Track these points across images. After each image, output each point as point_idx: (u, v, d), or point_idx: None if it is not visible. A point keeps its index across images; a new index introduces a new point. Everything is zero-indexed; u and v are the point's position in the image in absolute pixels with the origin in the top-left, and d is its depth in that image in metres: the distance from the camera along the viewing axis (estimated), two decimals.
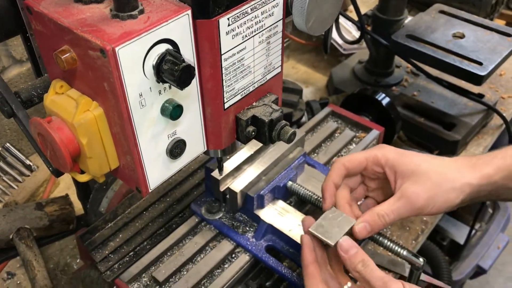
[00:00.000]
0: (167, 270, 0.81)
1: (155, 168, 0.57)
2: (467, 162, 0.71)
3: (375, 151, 0.73)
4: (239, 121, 0.62)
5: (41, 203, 1.01)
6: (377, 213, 0.68)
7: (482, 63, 1.11)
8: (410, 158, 0.71)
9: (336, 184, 0.73)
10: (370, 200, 0.79)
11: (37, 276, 0.92)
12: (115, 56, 0.45)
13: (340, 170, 0.73)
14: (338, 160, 0.74)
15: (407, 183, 0.68)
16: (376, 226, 0.69)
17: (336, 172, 0.73)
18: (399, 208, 0.68)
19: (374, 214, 0.69)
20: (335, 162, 0.74)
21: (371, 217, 0.69)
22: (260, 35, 0.58)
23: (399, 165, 0.70)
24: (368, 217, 0.69)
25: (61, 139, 0.50)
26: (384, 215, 0.68)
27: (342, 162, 0.73)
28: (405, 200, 0.68)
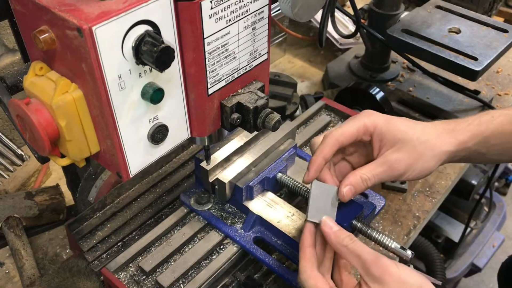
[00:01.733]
0: (154, 260, 0.81)
1: (136, 153, 0.56)
2: (446, 127, 0.72)
3: (363, 119, 0.71)
4: (224, 108, 0.62)
5: (31, 192, 1.01)
6: (360, 176, 0.69)
7: (477, 58, 1.11)
8: (397, 126, 0.71)
9: (326, 159, 0.71)
10: (343, 163, 0.78)
11: (24, 265, 0.92)
12: (92, 35, 0.45)
13: (333, 145, 0.71)
14: (331, 134, 0.71)
15: (391, 149, 0.69)
16: (359, 189, 0.70)
17: (329, 148, 0.70)
18: (380, 173, 0.69)
19: (357, 177, 0.69)
20: (328, 137, 0.71)
21: (355, 180, 0.69)
22: (245, 20, 0.58)
23: (387, 132, 0.70)
24: (353, 180, 0.69)
25: (39, 121, 0.50)
26: (367, 179, 0.69)
27: (336, 136, 0.70)
28: (387, 166, 0.69)
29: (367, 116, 0.72)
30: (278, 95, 1.22)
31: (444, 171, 1.18)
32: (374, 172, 0.69)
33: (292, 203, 0.87)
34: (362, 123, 0.71)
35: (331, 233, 0.65)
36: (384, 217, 1.07)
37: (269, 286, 0.85)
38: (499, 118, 0.73)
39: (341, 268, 0.69)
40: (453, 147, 0.70)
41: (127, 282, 0.80)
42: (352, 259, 0.63)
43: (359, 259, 0.62)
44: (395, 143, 0.70)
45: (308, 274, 0.64)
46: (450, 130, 0.71)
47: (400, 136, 0.70)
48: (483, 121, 0.72)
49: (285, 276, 0.78)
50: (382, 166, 0.70)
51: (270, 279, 0.86)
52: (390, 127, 0.70)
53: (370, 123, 0.71)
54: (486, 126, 0.72)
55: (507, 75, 1.42)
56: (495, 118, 0.73)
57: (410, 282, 0.60)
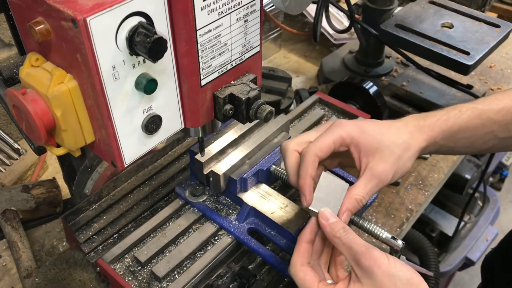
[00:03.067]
0: (150, 251, 0.82)
1: (131, 143, 0.57)
2: (416, 124, 0.74)
3: (339, 131, 0.72)
4: (217, 99, 0.63)
5: (28, 186, 1.02)
6: (355, 198, 0.70)
7: (469, 53, 1.12)
8: (371, 134, 0.71)
9: (313, 177, 0.72)
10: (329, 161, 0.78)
11: (21, 257, 0.93)
12: (86, 26, 0.46)
13: (314, 162, 0.71)
14: (310, 152, 0.71)
15: (373, 161, 0.70)
16: (355, 210, 0.71)
17: (311, 166, 0.71)
18: (372, 188, 0.70)
19: (353, 200, 0.70)
20: (307, 154, 0.71)
21: (351, 204, 0.70)
22: (237, 13, 0.59)
23: (363, 143, 0.71)
24: (349, 204, 0.70)
25: (35, 111, 0.51)
26: (362, 199, 0.70)
27: (314, 152, 0.71)
28: (377, 180, 0.70)
29: (339, 126, 0.72)
30: (273, 90, 1.23)
31: (437, 165, 1.19)
32: (367, 189, 0.70)
33: (286, 195, 0.88)
34: (338, 135, 0.71)
35: (327, 225, 0.66)
36: (377, 210, 1.08)
37: (263, 276, 0.86)
38: (466, 112, 0.74)
39: (337, 265, 0.71)
40: (424, 143, 0.72)
41: (122, 272, 0.81)
42: (344, 250, 0.64)
43: (351, 250, 0.63)
44: (374, 152, 0.71)
45: (298, 268, 0.66)
46: (420, 127, 0.73)
47: (376, 144, 0.71)
48: (451, 116, 0.74)
49: (278, 266, 0.80)
50: (372, 181, 0.70)
51: (264, 269, 0.87)
52: (364, 137, 0.71)
53: (346, 135, 0.71)
54: (453, 121, 0.74)
55: (500, 70, 1.43)
56: (462, 113, 0.74)
57: (399, 276, 0.60)
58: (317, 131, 0.75)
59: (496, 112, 0.75)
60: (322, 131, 0.74)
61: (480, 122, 0.74)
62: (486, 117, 0.74)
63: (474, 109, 0.75)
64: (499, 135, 0.76)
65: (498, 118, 0.75)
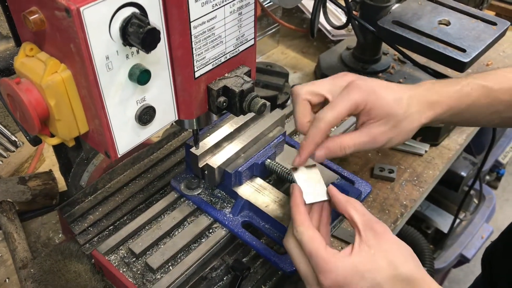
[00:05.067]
0: (144, 243, 0.83)
1: (124, 133, 0.58)
2: (429, 99, 0.72)
3: (355, 97, 0.69)
4: (211, 91, 0.63)
5: (24, 178, 1.02)
6: (340, 142, 0.70)
7: (465, 50, 1.12)
8: (386, 99, 0.70)
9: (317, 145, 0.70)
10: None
11: (17, 248, 0.93)
12: (79, 16, 0.46)
13: (326, 131, 0.69)
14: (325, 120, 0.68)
15: (378, 123, 0.70)
16: (334, 154, 0.70)
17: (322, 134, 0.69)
18: (361, 143, 0.70)
19: (336, 143, 0.70)
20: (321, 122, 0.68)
21: (333, 146, 0.70)
22: (231, 5, 0.59)
23: (376, 107, 0.69)
24: (331, 145, 0.70)
25: (29, 100, 0.51)
26: (346, 147, 0.70)
27: (329, 122, 0.68)
28: (371, 138, 0.70)
29: (357, 91, 0.69)
30: (270, 85, 1.23)
31: (432, 161, 1.20)
32: (356, 141, 0.70)
33: (280, 189, 0.89)
34: (354, 103, 0.69)
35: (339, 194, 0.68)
36: (372, 205, 1.09)
37: (256, 269, 0.87)
38: (477, 92, 0.74)
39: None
40: (429, 120, 0.72)
41: (117, 264, 0.82)
42: (356, 215, 0.65)
43: (364, 216, 0.65)
44: (382, 117, 0.70)
45: (306, 225, 0.65)
46: (432, 102, 0.72)
47: (388, 110, 0.70)
48: (462, 94, 0.73)
49: (272, 259, 0.80)
50: (365, 137, 0.70)
51: (258, 262, 0.88)
52: (379, 102, 0.70)
53: (361, 101, 0.69)
54: (463, 100, 0.73)
55: (497, 68, 1.43)
56: (473, 92, 0.74)
57: (404, 245, 0.64)
58: (331, 84, 0.73)
59: (504, 92, 0.75)
60: (336, 87, 0.72)
61: (487, 102, 0.74)
62: (494, 96, 0.74)
63: (484, 88, 0.74)
64: (503, 115, 0.77)
65: (506, 97, 0.75)
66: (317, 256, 0.62)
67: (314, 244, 0.63)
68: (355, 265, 0.61)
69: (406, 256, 0.63)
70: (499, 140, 2.11)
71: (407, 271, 0.61)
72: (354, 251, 0.62)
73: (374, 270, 0.61)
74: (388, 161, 1.19)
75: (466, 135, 1.27)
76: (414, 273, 0.62)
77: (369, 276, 0.61)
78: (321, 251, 0.62)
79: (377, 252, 0.62)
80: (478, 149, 1.72)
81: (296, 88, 0.73)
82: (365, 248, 0.62)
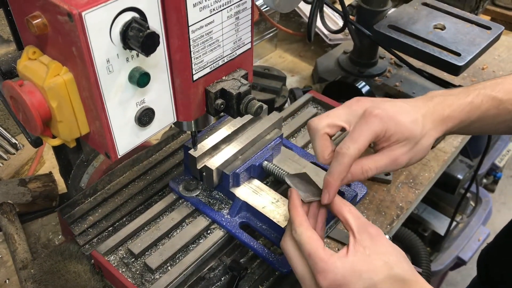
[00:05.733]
0: (143, 243, 0.84)
1: (124, 135, 0.59)
2: (441, 114, 0.72)
3: (374, 127, 0.69)
4: (208, 93, 0.65)
5: (25, 180, 1.03)
6: (362, 167, 0.70)
7: (460, 54, 1.14)
8: (404, 123, 0.70)
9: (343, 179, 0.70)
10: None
11: (17, 249, 0.94)
12: (81, 20, 0.48)
13: (350, 165, 0.69)
14: (348, 154, 0.67)
15: (398, 145, 0.70)
16: (356, 179, 0.71)
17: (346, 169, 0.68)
18: (383, 166, 0.70)
19: (359, 167, 0.70)
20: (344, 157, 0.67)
21: (356, 170, 0.70)
22: (228, 10, 0.61)
23: (395, 133, 0.69)
24: (354, 170, 0.70)
25: (32, 102, 0.53)
26: (368, 170, 0.70)
27: (353, 156, 0.68)
28: (392, 160, 0.70)
29: (375, 120, 0.69)
30: (268, 88, 1.25)
31: (428, 164, 1.21)
32: (378, 164, 0.70)
33: (277, 191, 0.90)
34: (374, 133, 0.69)
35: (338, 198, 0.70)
36: (368, 207, 1.10)
37: (254, 269, 0.88)
38: (487, 104, 0.74)
39: None
40: (440, 134, 0.73)
41: (116, 264, 0.83)
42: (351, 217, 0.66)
43: (359, 219, 0.66)
44: (402, 140, 0.70)
45: (305, 226, 0.66)
46: (443, 118, 0.72)
47: (407, 134, 0.70)
48: (473, 107, 0.73)
49: (269, 260, 0.81)
50: (386, 160, 0.70)
51: (255, 263, 0.89)
52: (398, 128, 0.69)
53: (380, 130, 0.69)
54: (474, 112, 0.73)
55: (492, 72, 1.45)
56: (483, 104, 0.74)
57: (398, 249, 0.66)
58: (347, 113, 0.73)
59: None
60: (352, 116, 0.72)
61: (496, 112, 0.75)
62: (503, 107, 0.75)
63: (494, 100, 0.74)
64: (511, 124, 0.77)
65: None
66: (315, 256, 0.63)
67: (312, 245, 0.64)
68: (353, 265, 0.62)
69: (400, 257, 0.65)
70: (496, 143, 2.12)
71: (402, 271, 0.63)
72: (349, 252, 0.63)
73: (371, 270, 0.62)
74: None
75: (461, 138, 1.28)
76: (409, 274, 0.63)
77: (366, 276, 0.62)
78: (319, 251, 0.63)
79: (373, 254, 0.63)
80: (475, 152, 1.73)
81: (314, 122, 0.72)
82: (360, 249, 0.63)
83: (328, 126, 0.72)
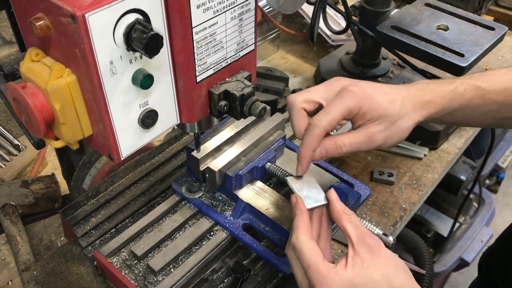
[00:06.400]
0: (146, 245, 0.83)
1: (127, 137, 0.59)
2: (422, 98, 0.73)
3: (348, 102, 0.70)
4: (212, 95, 0.64)
5: (27, 181, 1.03)
6: (336, 141, 0.70)
7: (463, 54, 1.13)
8: (379, 101, 0.71)
9: (314, 150, 0.72)
10: None
11: (20, 251, 0.94)
12: (85, 22, 0.48)
13: (321, 136, 0.70)
14: (319, 125, 0.69)
15: (373, 123, 0.70)
16: (331, 153, 0.71)
17: (317, 140, 0.70)
18: (358, 143, 0.71)
19: (333, 142, 0.70)
20: (316, 128, 0.69)
21: (329, 145, 0.70)
22: (232, 11, 0.61)
23: (370, 110, 0.70)
24: (327, 143, 0.71)
25: (35, 104, 0.53)
26: (342, 145, 0.71)
27: (324, 127, 0.69)
28: (367, 137, 0.70)
29: (350, 96, 0.70)
30: (270, 89, 1.25)
31: (431, 165, 1.21)
32: (352, 140, 0.70)
33: (280, 192, 0.90)
34: (347, 107, 0.70)
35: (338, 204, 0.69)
36: (371, 209, 1.10)
37: (257, 271, 0.88)
38: (471, 92, 0.74)
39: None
40: (422, 118, 0.73)
41: (119, 266, 0.83)
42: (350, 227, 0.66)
43: (358, 229, 0.66)
44: (377, 118, 0.71)
45: (308, 236, 0.66)
46: (425, 102, 0.73)
47: (382, 112, 0.70)
48: (456, 94, 0.74)
49: (272, 261, 0.81)
50: (361, 136, 0.71)
51: (258, 265, 0.89)
52: (373, 105, 0.70)
53: (354, 105, 0.70)
54: (457, 99, 0.74)
55: None
56: (467, 92, 0.74)
57: (397, 259, 0.65)
58: (325, 90, 0.74)
59: (498, 93, 0.75)
60: (330, 92, 0.72)
61: (481, 102, 0.75)
62: (488, 97, 0.75)
63: (478, 89, 0.75)
64: (496, 115, 0.77)
65: (500, 99, 0.75)
66: (314, 269, 0.63)
67: (312, 256, 0.64)
68: (350, 279, 0.62)
69: (398, 269, 0.64)
70: (499, 144, 2.12)
71: (400, 284, 0.63)
72: (348, 265, 0.63)
73: (369, 284, 0.62)
74: (387, 164, 1.20)
75: (465, 139, 1.28)
76: (407, 286, 0.63)
77: None
78: (319, 264, 0.63)
79: (371, 266, 0.63)
80: (478, 153, 1.73)
81: (291, 98, 0.74)
82: (359, 261, 0.63)
83: (305, 101, 0.72)
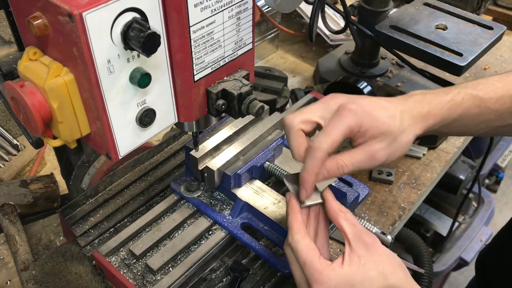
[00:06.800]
0: (144, 244, 0.84)
1: (125, 135, 0.59)
2: (420, 111, 0.72)
3: (348, 121, 0.68)
4: (210, 94, 0.64)
5: (26, 181, 1.03)
6: (337, 162, 0.69)
7: (462, 54, 1.13)
8: (380, 118, 0.69)
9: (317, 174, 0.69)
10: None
11: (19, 250, 0.94)
12: (82, 21, 0.48)
13: (323, 160, 0.68)
14: (320, 148, 0.67)
15: (375, 141, 0.69)
16: (332, 175, 0.69)
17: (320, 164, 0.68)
18: (359, 162, 0.69)
19: (334, 162, 0.69)
20: (317, 151, 0.67)
21: (330, 166, 0.69)
22: (229, 10, 0.61)
23: (371, 128, 0.69)
24: (329, 165, 0.69)
25: (33, 103, 0.53)
26: (344, 165, 0.69)
27: (325, 150, 0.67)
28: (369, 156, 0.69)
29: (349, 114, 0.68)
30: (269, 89, 1.25)
31: (430, 164, 1.21)
32: (354, 160, 0.69)
33: (279, 191, 0.90)
34: (347, 127, 0.68)
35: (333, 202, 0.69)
36: (370, 208, 1.10)
37: (256, 270, 0.88)
38: (468, 102, 0.74)
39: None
40: (421, 131, 0.72)
41: (118, 265, 0.83)
42: (347, 225, 0.66)
43: (355, 226, 0.66)
44: (378, 136, 0.69)
45: (303, 234, 0.66)
46: (424, 114, 0.72)
47: (384, 128, 0.69)
48: (454, 104, 0.73)
49: (271, 260, 0.81)
50: (363, 155, 0.69)
51: (257, 264, 0.89)
52: (373, 123, 0.69)
53: (355, 124, 0.68)
54: (455, 110, 0.73)
55: (494, 72, 1.45)
56: (464, 102, 0.74)
57: (394, 256, 0.65)
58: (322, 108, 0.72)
59: (494, 102, 0.74)
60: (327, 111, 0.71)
61: (478, 111, 0.74)
62: (485, 106, 0.74)
63: (475, 98, 0.74)
64: (493, 124, 0.77)
65: (496, 107, 0.75)
66: (310, 266, 0.63)
67: (308, 254, 0.64)
68: (347, 276, 0.62)
69: (395, 266, 0.65)
70: (498, 143, 2.12)
71: (398, 281, 0.63)
72: (345, 262, 0.63)
73: (366, 281, 0.62)
74: (386, 164, 1.20)
75: (463, 139, 1.28)
76: (403, 283, 0.64)
77: (360, 287, 0.62)
78: (315, 261, 0.63)
79: (368, 263, 0.63)
80: (477, 152, 1.73)
81: (288, 119, 0.71)
82: (356, 258, 0.63)
83: (302, 122, 0.71)
